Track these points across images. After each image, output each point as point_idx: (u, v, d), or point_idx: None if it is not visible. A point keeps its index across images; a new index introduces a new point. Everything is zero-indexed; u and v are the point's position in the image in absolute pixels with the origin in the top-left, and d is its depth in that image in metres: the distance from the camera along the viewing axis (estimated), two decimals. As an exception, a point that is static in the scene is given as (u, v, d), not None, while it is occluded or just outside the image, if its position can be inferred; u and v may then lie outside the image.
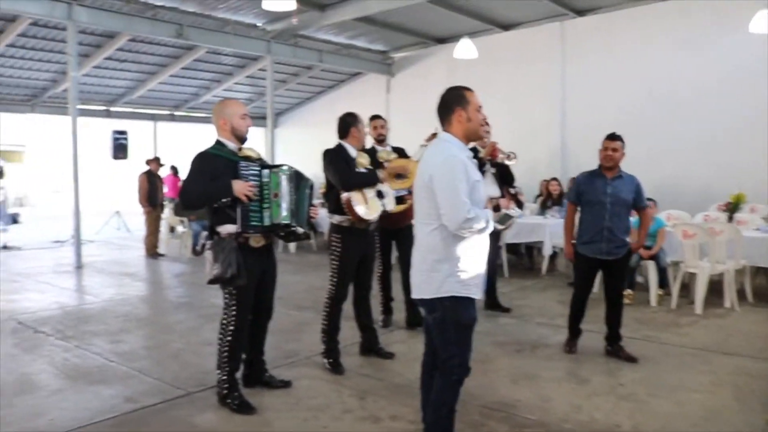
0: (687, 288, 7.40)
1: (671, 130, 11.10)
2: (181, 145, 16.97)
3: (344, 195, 4.87)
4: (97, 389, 4.59)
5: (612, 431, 3.83)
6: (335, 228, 4.99)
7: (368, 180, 4.99)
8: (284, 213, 4.07)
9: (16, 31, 10.50)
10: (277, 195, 4.06)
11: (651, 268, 7.26)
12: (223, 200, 3.98)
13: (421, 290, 3.24)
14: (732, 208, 8.02)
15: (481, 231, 3.14)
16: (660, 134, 11.12)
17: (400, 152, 5.92)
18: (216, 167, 4.05)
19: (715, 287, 7.20)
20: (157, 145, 16.57)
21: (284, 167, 4.18)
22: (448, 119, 3.26)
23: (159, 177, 11.85)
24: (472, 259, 3.18)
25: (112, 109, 15.54)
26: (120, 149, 15.19)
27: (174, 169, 13.70)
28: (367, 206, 4.91)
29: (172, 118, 16.91)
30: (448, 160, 3.11)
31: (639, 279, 7.79)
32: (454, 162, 3.10)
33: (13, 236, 13.64)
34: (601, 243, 5.18)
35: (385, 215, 5.20)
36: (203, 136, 16.78)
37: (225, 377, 4.20)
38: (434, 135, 5.91)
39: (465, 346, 3.23)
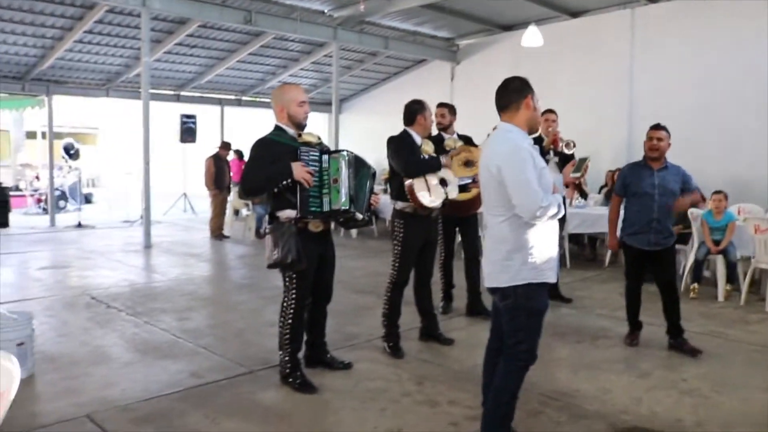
0: (757, 284, 7.18)
1: (744, 122, 10.69)
2: (247, 130, 17.32)
3: (407, 182, 4.91)
4: (165, 364, 4.78)
5: (673, 426, 3.77)
6: (398, 214, 5.04)
7: (431, 166, 5.00)
8: (343, 199, 4.11)
9: (93, 18, 10.86)
10: (337, 180, 4.09)
11: (719, 262, 7.07)
12: (283, 183, 4.02)
13: (495, 279, 3.26)
14: (808, 203, 7.71)
15: (553, 217, 3.15)
16: (732, 126, 10.73)
17: (467, 140, 5.91)
18: (276, 153, 4.09)
19: (787, 284, 6.96)
20: (224, 129, 16.92)
21: (344, 152, 4.21)
22: (511, 108, 3.26)
23: (226, 161, 12.15)
24: (545, 245, 3.20)
25: (182, 93, 15.92)
26: (188, 133, 15.61)
27: (239, 153, 13.95)
28: (429, 193, 4.94)
29: (239, 103, 17.20)
30: (516, 151, 3.11)
31: (706, 273, 7.60)
32: (521, 152, 3.11)
33: (87, 215, 14.21)
34: (650, 234, 5.14)
35: (452, 203, 5.24)
36: (269, 121, 17.13)
37: (287, 358, 4.30)
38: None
39: (535, 333, 3.24)
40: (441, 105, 6.16)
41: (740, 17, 10.77)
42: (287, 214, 4.11)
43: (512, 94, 3.27)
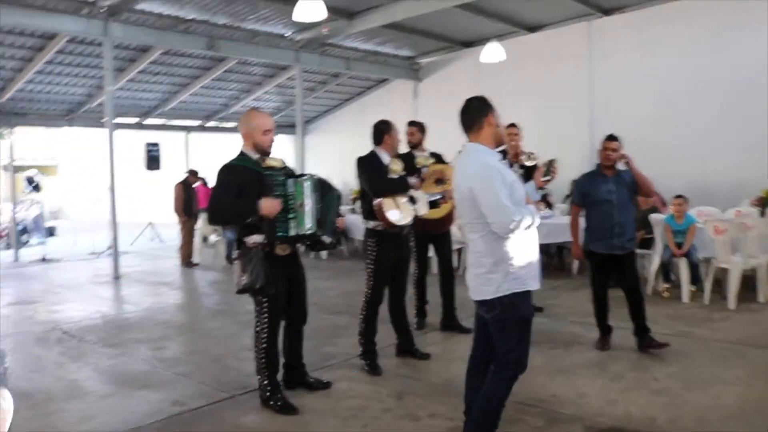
0: (720, 284, 7.40)
1: (701, 128, 11.02)
2: (212, 155, 17.27)
3: (376, 201, 4.99)
4: (144, 393, 4.76)
5: (647, 425, 3.89)
6: (370, 233, 5.12)
7: (398, 186, 5.09)
8: (309, 223, 4.16)
9: (54, 49, 10.81)
10: (302, 205, 4.15)
11: (683, 264, 7.28)
12: (250, 219, 4.08)
13: (480, 292, 3.36)
14: (764, 202, 8.00)
15: (528, 228, 3.26)
16: (690, 132, 11.05)
17: (438, 157, 6.03)
18: (242, 179, 4.14)
19: (748, 282, 7.19)
20: (189, 156, 16.86)
21: (308, 177, 4.25)
22: (477, 127, 3.38)
23: (194, 188, 12.11)
24: (524, 254, 3.30)
25: (145, 121, 15.85)
26: (153, 161, 15.49)
27: (203, 180, 13.90)
28: (399, 211, 5.03)
29: (203, 128, 17.19)
30: (484, 169, 3.24)
31: (671, 276, 7.80)
32: (489, 170, 3.23)
33: (52, 248, 14.01)
34: (612, 239, 5.35)
35: (425, 222, 5.35)
36: (234, 146, 17.12)
37: (266, 381, 4.34)
38: None
39: (524, 342, 3.34)
40: (411, 123, 6.27)
41: (691, 26, 11.16)
42: (254, 239, 4.16)
43: (474, 114, 3.40)
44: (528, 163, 6.50)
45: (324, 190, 4.37)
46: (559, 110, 12.82)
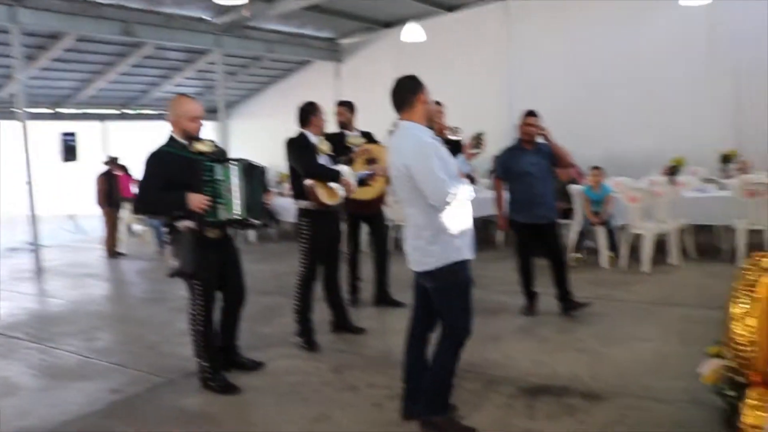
0: (635, 249, 7.83)
1: (614, 102, 11.53)
2: (132, 143, 16.84)
3: (307, 181, 5.07)
4: (80, 385, 4.72)
5: (572, 381, 4.16)
6: (302, 212, 5.20)
7: (329, 175, 5.15)
8: (238, 208, 4.19)
9: (-44, 38, 10.34)
10: (230, 190, 4.17)
11: (601, 232, 7.66)
12: (178, 213, 4.12)
13: (422, 264, 3.49)
14: (673, 171, 8.47)
15: (465, 200, 3.43)
16: (604, 106, 11.53)
17: (368, 137, 6.13)
18: (170, 165, 4.15)
19: (661, 246, 7.64)
20: (108, 145, 16.38)
21: (235, 161, 4.26)
22: (410, 106, 3.48)
23: (116, 177, 11.81)
24: (461, 225, 3.47)
25: (60, 110, 15.31)
26: (69, 151, 14.98)
27: (124, 168, 13.55)
28: (329, 191, 5.12)
29: (121, 116, 16.72)
30: (419, 146, 3.36)
31: (590, 244, 8.20)
32: (424, 147, 3.36)
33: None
34: (535, 209, 5.64)
35: (357, 202, 5.46)
36: (155, 133, 16.71)
37: (206, 363, 4.38)
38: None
39: (467, 309, 3.51)
40: (340, 103, 6.32)
41: (604, 5, 11.60)
42: (185, 223, 4.18)
43: (405, 93, 3.50)
44: (453, 138, 6.68)
45: (252, 172, 4.36)
46: (480, 88, 13.12)
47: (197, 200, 4.05)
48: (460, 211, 3.47)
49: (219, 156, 4.35)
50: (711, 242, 8.63)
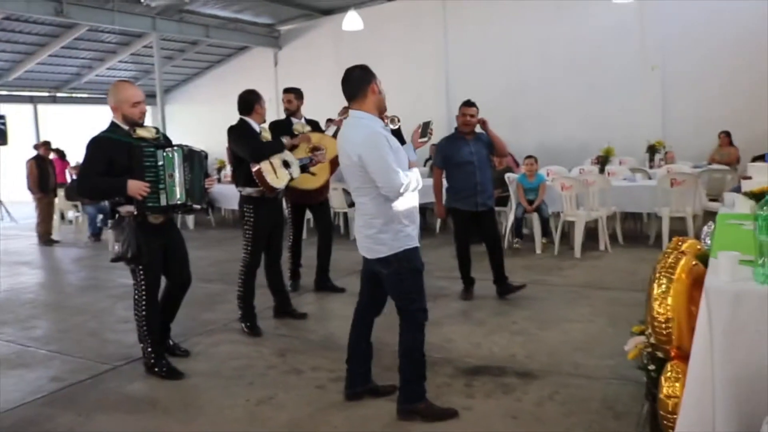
0: (567, 236, 8.16)
1: (548, 94, 11.92)
2: (65, 128, 16.39)
3: (254, 167, 5.12)
4: (20, 373, 4.67)
5: (508, 360, 4.37)
6: (246, 199, 5.25)
7: (274, 148, 5.25)
8: (179, 194, 4.22)
9: None
10: (172, 176, 4.19)
11: (535, 219, 7.94)
12: (118, 198, 4.14)
13: (375, 251, 3.55)
14: (603, 161, 8.83)
15: (414, 190, 3.53)
16: (539, 98, 11.91)
17: (314, 125, 6.18)
18: (111, 151, 4.13)
19: (591, 233, 8.01)
20: (39, 129, 15.90)
21: (177, 147, 4.28)
22: (362, 95, 3.54)
23: (50, 162, 11.50)
24: (411, 214, 3.57)
25: (-13, 92, 14.83)
26: (-2, 134, 14.50)
27: (59, 153, 13.23)
28: (275, 175, 5.18)
29: (53, 100, 16.24)
30: (372, 137, 3.42)
31: (525, 231, 8.49)
32: (377, 137, 3.42)
33: None
34: (476, 197, 5.83)
35: (302, 192, 5.54)
36: (87, 117, 16.29)
37: (150, 348, 4.40)
38: (346, 109, 6.29)
39: (421, 291, 3.61)
40: (287, 90, 6.30)
41: (535, -2, 11.91)
42: (127, 209, 4.19)
43: (357, 83, 3.55)
44: (393, 126, 6.80)
45: (193, 158, 4.38)
46: (418, 79, 13.31)
47: (137, 186, 4.06)
48: (409, 200, 3.56)
49: (162, 143, 4.36)
50: (638, 229, 9.07)
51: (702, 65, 10.81)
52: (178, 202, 4.23)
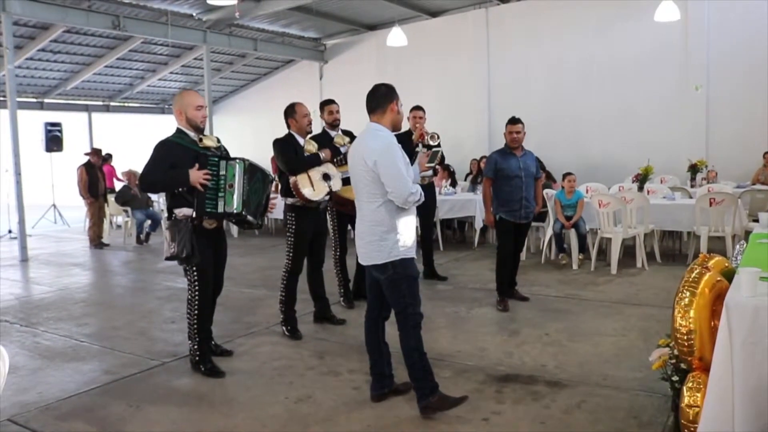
0: (604, 252, 8.21)
1: (590, 111, 11.97)
2: (117, 135, 16.98)
3: (291, 179, 5.35)
4: (75, 365, 4.96)
5: (539, 370, 4.49)
6: (289, 208, 5.48)
7: (309, 163, 5.44)
8: (236, 203, 4.47)
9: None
10: (232, 186, 4.45)
11: (572, 235, 8.02)
12: (180, 189, 4.38)
13: (372, 258, 3.81)
14: (642, 178, 8.87)
15: (417, 203, 3.75)
16: (580, 114, 11.97)
17: (351, 135, 6.36)
18: (176, 155, 4.39)
19: (629, 250, 8.05)
20: (92, 136, 16.51)
21: (239, 160, 4.54)
22: (381, 111, 3.83)
23: (100, 168, 11.96)
24: (409, 228, 3.82)
25: (46, 100, 15.42)
26: (54, 141, 15.06)
27: (107, 158, 13.65)
28: (313, 188, 5.40)
29: (106, 108, 16.86)
30: (390, 147, 3.69)
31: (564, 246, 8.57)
32: (394, 148, 3.70)
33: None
34: (520, 210, 6.14)
35: (346, 201, 5.74)
36: (139, 126, 16.84)
37: (196, 346, 4.65)
38: None
39: (416, 296, 3.83)
40: (331, 102, 6.30)
41: (579, 15, 12.01)
42: (184, 212, 4.43)
43: (380, 99, 3.84)
44: (432, 143, 6.98)
45: (253, 173, 4.63)
46: (459, 92, 13.49)
47: (197, 175, 4.32)
48: (410, 214, 3.82)
49: (224, 153, 4.62)
50: (677, 248, 9.06)
51: (746, 85, 10.76)
52: (235, 211, 4.48)
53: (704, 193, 7.98)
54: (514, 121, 6.20)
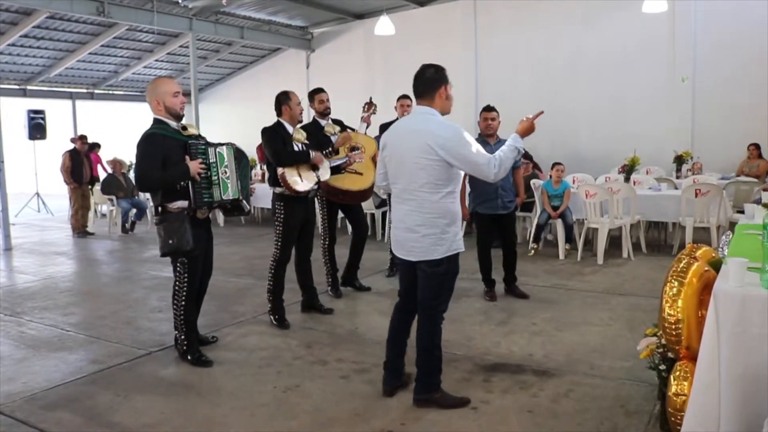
0: (591, 243, 8.26)
1: (578, 102, 11.98)
2: (101, 123, 16.80)
3: (279, 170, 5.31)
4: (61, 355, 4.93)
5: (526, 359, 4.51)
6: (277, 197, 5.44)
7: (297, 160, 5.38)
8: (231, 189, 4.47)
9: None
10: (226, 172, 4.45)
11: (558, 225, 8.06)
12: (182, 184, 4.32)
13: (428, 252, 3.57)
14: (628, 169, 8.91)
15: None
16: (568, 105, 11.97)
17: (340, 124, 6.32)
18: (166, 147, 4.30)
19: (615, 241, 8.10)
20: (76, 124, 16.33)
21: (227, 145, 4.53)
22: (431, 94, 3.62)
23: (85, 155, 11.82)
24: (459, 216, 3.69)
25: (29, 87, 15.22)
26: (37, 129, 14.87)
27: (93, 146, 13.50)
28: (300, 179, 5.37)
29: (91, 96, 16.66)
30: (458, 131, 3.50)
31: (549, 237, 8.61)
32: (461, 130, 3.52)
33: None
34: (496, 200, 6.04)
35: (346, 193, 5.75)
36: (123, 114, 16.67)
37: (183, 336, 4.63)
38: (370, 104, 6.40)
39: (451, 293, 3.80)
40: (321, 90, 6.29)
41: (567, 4, 12.00)
42: (179, 204, 4.37)
43: (427, 84, 3.62)
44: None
45: (240, 158, 4.64)
46: (448, 83, 13.43)
47: (195, 166, 4.28)
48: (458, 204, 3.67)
49: (208, 141, 4.57)
50: (662, 238, 9.13)
51: (733, 77, 10.81)
52: (231, 197, 4.45)
53: (690, 185, 8.03)
54: (489, 108, 6.15)
